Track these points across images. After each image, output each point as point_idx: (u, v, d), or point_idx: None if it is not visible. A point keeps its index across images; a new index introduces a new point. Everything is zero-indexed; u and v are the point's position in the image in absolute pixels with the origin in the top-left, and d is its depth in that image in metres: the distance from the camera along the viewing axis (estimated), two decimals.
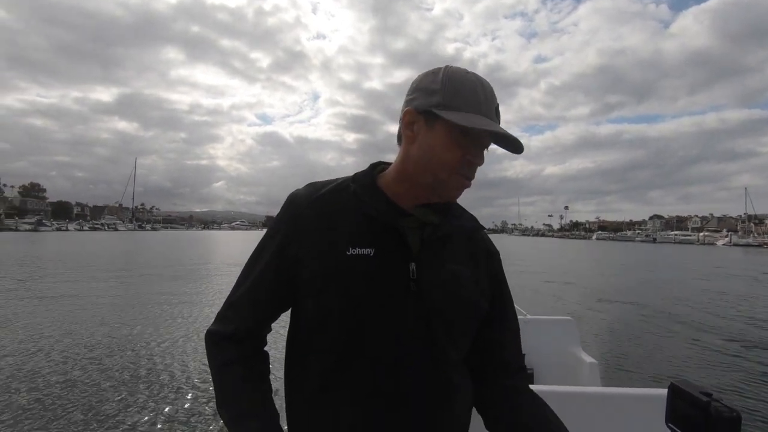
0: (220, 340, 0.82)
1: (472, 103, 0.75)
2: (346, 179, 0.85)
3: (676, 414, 0.72)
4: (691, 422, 0.68)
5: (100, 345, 6.52)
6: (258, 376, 0.82)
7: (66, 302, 9.85)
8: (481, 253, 0.88)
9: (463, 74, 0.77)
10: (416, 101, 0.78)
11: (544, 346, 2.61)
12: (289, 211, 0.82)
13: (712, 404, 0.65)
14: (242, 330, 0.82)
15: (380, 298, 0.75)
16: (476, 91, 0.76)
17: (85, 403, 4.43)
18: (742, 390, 5.32)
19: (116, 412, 4.24)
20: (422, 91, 0.78)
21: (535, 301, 11.08)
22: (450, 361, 0.80)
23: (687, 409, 0.69)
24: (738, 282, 17.86)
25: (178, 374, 5.27)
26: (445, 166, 0.76)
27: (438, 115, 0.74)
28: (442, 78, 0.76)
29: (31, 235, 61.83)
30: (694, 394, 0.68)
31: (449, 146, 0.75)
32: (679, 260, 33.11)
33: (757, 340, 7.98)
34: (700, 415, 0.66)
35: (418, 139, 0.77)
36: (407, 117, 0.78)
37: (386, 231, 0.78)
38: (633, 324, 8.98)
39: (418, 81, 0.81)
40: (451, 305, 0.79)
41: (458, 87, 0.75)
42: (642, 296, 12.89)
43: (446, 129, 0.75)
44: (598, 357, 3.80)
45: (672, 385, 0.73)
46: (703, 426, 0.66)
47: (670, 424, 0.73)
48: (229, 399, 0.79)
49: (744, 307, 11.44)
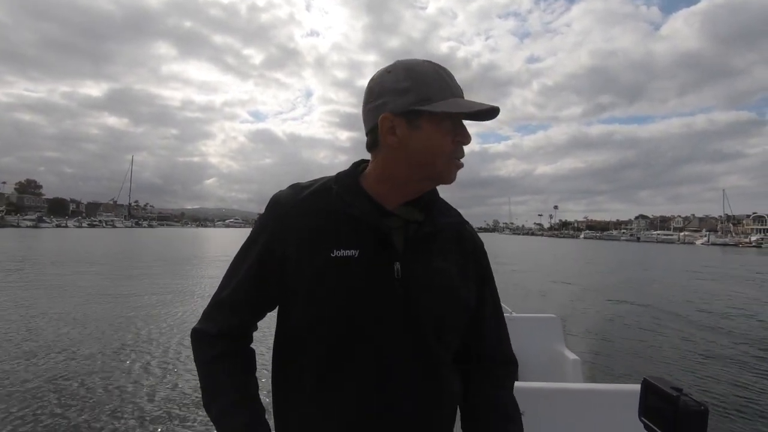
0: (206, 338, 0.81)
1: (444, 88, 0.75)
2: (329, 179, 0.83)
3: (649, 408, 0.73)
4: (662, 416, 0.70)
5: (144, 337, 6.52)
6: (244, 372, 0.81)
7: (110, 299, 9.89)
8: (467, 247, 0.87)
9: (421, 65, 0.76)
10: (389, 105, 0.75)
11: (529, 343, 2.62)
12: (274, 211, 0.80)
13: (681, 399, 0.66)
14: (228, 329, 0.81)
15: (366, 299, 0.74)
16: (442, 76, 0.76)
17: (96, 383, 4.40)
18: (717, 384, 5.41)
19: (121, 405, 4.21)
20: (391, 93, 0.75)
21: (521, 298, 11.13)
22: (439, 360, 0.79)
23: (658, 404, 0.70)
24: (709, 279, 18.23)
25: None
26: (442, 157, 0.76)
27: (421, 111, 0.73)
28: (406, 75, 0.75)
29: (34, 232, 61.49)
30: (665, 389, 0.70)
31: (440, 136, 0.75)
32: (661, 260, 33.59)
33: (729, 334, 8.13)
34: (670, 409, 0.67)
35: (406, 142, 0.75)
36: (385, 123, 0.75)
37: (370, 231, 0.76)
38: (615, 320, 9.06)
39: (378, 84, 0.77)
40: (438, 303, 0.78)
41: (425, 78, 0.74)
42: (623, 293, 13.05)
43: (432, 122, 0.74)
44: (582, 354, 3.84)
45: (645, 380, 0.74)
46: (672, 419, 0.67)
47: (642, 418, 0.74)
48: (215, 395, 0.78)
49: (717, 302, 11.69)
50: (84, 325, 7.31)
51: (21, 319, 7.63)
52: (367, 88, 0.80)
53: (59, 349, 5.96)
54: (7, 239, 38.00)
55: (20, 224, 77.13)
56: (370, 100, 0.78)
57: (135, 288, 11.43)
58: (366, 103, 0.79)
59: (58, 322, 7.48)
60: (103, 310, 8.52)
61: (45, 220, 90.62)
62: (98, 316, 8.02)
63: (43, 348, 6.00)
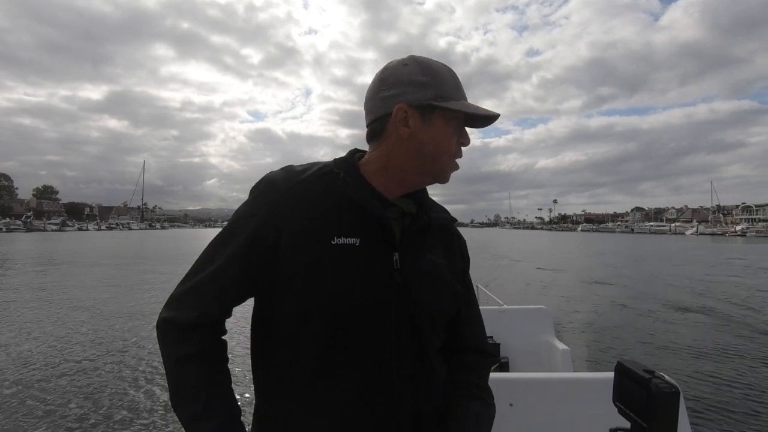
0: (178, 328, 0.73)
1: (457, 89, 0.76)
2: (326, 164, 0.79)
3: (622, 392, 0.70)
4: (635, 399, 0.66)
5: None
6: (218, 370, 0.75)
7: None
8: (455, 243, 0.88)
9: (436, 63, 0.77)
10: (406, 95, 0.73)
11: (519, 335, 2.61)
12: (268, 195, 0.75)
13: (653, 381, 0.63)
14: (205, 316, 0.73)
15: (366, 287, 0.72)
16: (454, 78, 0.77)
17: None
18: (694, 366, 5.44)
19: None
20: (410, 84, 0.74)
21: (512, 290, 11.19)
22: (432, 349, 0.78)
23: (631, 387, 0.67)
24: (696, 266, 18.61)
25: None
26: (446, 154, 0.77)
27: (435, 107, 0.73)
28: (423, 70, 0.75)
29: (63, 235, 63.28)
30: (637, 372, 0.67)
31: (448, 134, 0.75)
32: (647, 248, 34.10)
33: (711, 317, 8.25)
34: (643, 392, 0.64)
35: (418, 135, 0.74)
36: (400, 113, 0.73)
37: (372, 221, 0.74)
38: (603, 309, 9.07)
39: (393, 75, 0.76)
40: (434, 294, 0.78)
41: (441, 77, 0.75)
42: (612, 281, 13.19)
43: (444, 119, 0.74)
44: (571, 344, 3.82)
45: (618, 364, 0.71)
46: (645, 402, 0.64)
47: (617, 403, 0.71)
48: (187, 396, 0.72)
49: (698, 287, 11.89)
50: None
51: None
52: (378, 78, 0.78)
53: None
54: (50, 241, 40.33)
55: (47, 228, 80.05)
56: (383, 89, 0.76)
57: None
58: (377, 92, 0.77)
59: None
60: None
61: (68, 223, 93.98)
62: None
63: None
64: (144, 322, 7.42)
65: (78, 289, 11.28)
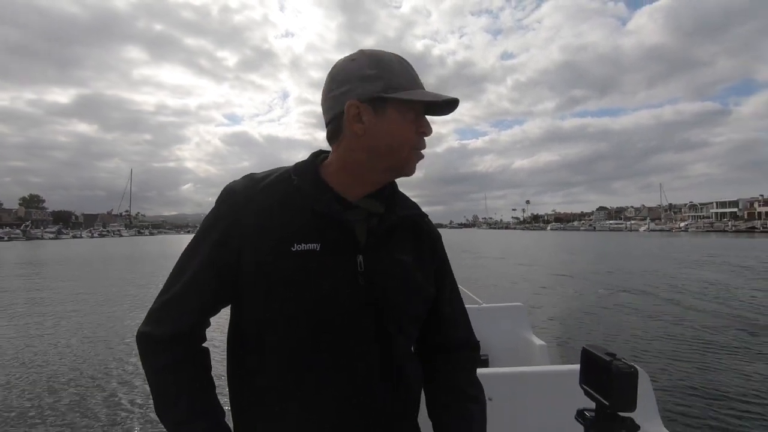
0: (155, 342, 0.70)
1: (410, 79, 0.71)
2: (286, 170, 0.75)
3: (588, 375, 0.73)
4: (598, 381, 0.70)
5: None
6: (198, 377, 0.73)
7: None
8: (425, 239, 0.82)
9: (386, 54, 0.72)
10: (355, 91, 0.69)
11: (498, 332, 2.60)
12: (228, 204, 0.72)
13: (613, 363, 0.67)
14: (179, 330, 0.70)
15: (329, 293, 0.69)
16: (406, 67, 0.72)
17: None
18: (658, 350, 5.65)
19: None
20: (357, 80, 0.70)
21: (488, 287, 11.29)
22: (400, 351, 0.75)
23: (595, 370, 0.70)
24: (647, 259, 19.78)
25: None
26: (405, 146, 0.72)
27: (387, 99, 0.69)
28: (372, 63, 0.70)
29: (61, 242, 61.27)
30: (600, 356, 0.70)
31: (405, 125, 0.71)
32: (599, 244, 36.56)
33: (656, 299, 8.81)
34: (605, 374, 0.67)
35: (372, 130, 0.70)
36: (351, 110, 0.69)
37: (332, 224, 0.70)
38: (575, 303, 9.24)
39: (341, 72, 0.72)
40: (400, 295, 0.74)
41: (391, 67, 0.70)
42: (574, 275, 13.60)
43: (398, 110, 0.70)
44: (548, 339, 3.88)
45: (583, 350, 0.74)
46: (607, 383, 0.67)
47: (583, 386, 0.74)
48: (168, 404, 0.70)
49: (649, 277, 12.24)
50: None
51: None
52: (328, 77, 0.74)
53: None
54: (55, 248, 40.31)
55: (44, 236, 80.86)
56: (333, 87, 0.72)
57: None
58: (328, 92, 0.73)
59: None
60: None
61: (63, 231, 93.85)
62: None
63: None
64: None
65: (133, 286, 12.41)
